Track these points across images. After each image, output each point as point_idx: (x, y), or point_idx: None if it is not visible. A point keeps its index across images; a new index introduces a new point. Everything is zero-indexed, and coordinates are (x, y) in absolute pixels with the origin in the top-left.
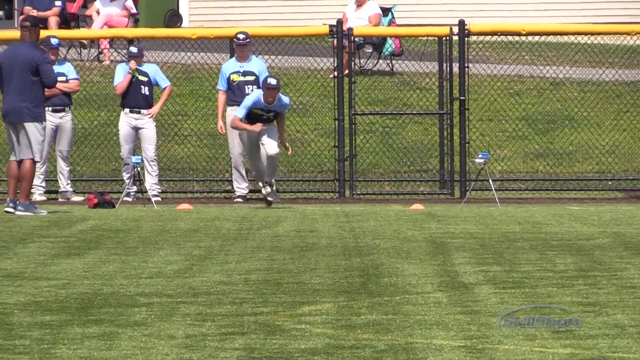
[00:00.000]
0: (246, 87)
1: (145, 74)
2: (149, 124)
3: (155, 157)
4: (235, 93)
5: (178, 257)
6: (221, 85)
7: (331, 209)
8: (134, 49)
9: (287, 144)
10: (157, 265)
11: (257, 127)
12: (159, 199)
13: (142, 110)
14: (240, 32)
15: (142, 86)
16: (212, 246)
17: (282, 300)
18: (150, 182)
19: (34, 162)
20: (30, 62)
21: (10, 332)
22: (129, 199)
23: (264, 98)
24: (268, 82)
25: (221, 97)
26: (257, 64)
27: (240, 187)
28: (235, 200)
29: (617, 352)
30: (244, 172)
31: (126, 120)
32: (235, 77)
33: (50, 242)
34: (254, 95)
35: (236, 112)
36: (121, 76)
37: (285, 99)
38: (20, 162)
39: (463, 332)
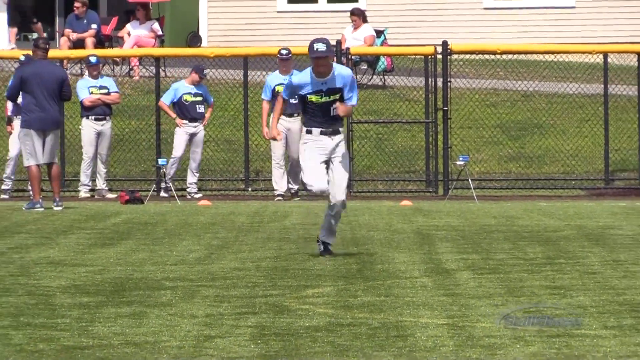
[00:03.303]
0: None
1: (200, 94)
2: (202, 132)
3: (200, 160)
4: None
5: (198, 247)
6: (265, 95)
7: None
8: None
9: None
10: (180, 253)
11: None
12: (200, 194)
13: (199, 121)
14: (284, 48)
15: (198, 105)
16: (228, 237)
17: (289, 284)
18: (192, 181)
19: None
20: (59, 78)
21: (53, 312)
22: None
23: (314, 72)
24: (315, 48)
25: (265, 106)
26: None
27: (280, 186)
28: (277, 199)
29: (580, 329)
30: (284, 173)
31: (185, 130)
32: (280, 89)
33: (87, 233)
34: (300, 75)
35: (282, 93)
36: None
37: (345, 70)
38: (37, 165)
39: (446, 312)
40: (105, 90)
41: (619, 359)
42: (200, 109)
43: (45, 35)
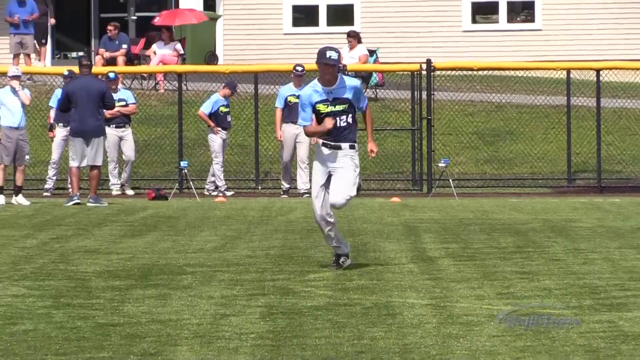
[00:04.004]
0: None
1: (228, 106)
2: (227, 139)
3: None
4: (290, 113)
5: (215, 237)
6: (279, 104)
7: None
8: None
9: (374, 146)
10: (199, 243)
11: (327, 125)
12: (232, 192)
13: (228, 130)
14: (299, 65)
15: (228, 116)
16: (240, 229)
17: (294, 269)
18: (221, 182)
19: (99, 167)
20: (100, 91)
21: (89, 293)
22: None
23: (320, 80)
24: (327, 55)
25: (278, 113)
26: None
27: (285, 185)
28: (282, 196)
29: (545, 309)
30: (289, 174)
31: (220, 136)
32: (292, 99)
33: (119, 225)
34: (308, 86)
35: (300, 121)
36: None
37: (354, 81)
38: (77, 167)
39: (429, 294)
40: (124, 102)
41: (580, 334)
42: (229, 118)
43: (82, 53)
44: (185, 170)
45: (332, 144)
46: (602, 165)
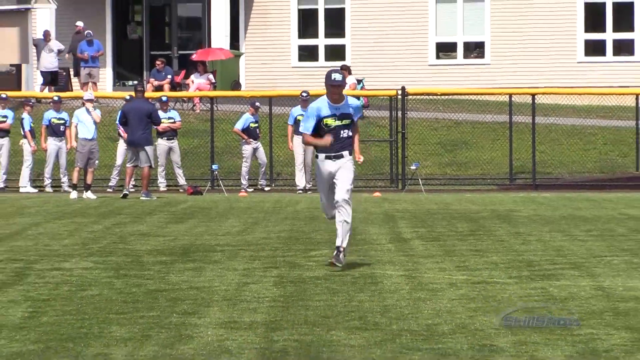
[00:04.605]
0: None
1: (257, 122)
2: (261, 146)
3: (266, 163)
4: (299, 128)
5: (238, 223)
6: (290, 121)
7: None
8: (164, 98)
9: (359, 155)
10: (227, 228)
11: (327, 139)
12: (268, 188)
13: (257, 140)
14: (304, 91)
15: (256, 129)
16: (258, 217)
17: (299, 248)
18: (263, 182)
19: (150, 168)
20: (148, 111)
21: (142, 266)
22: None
23: (329, 97)
24: (332, 77)
25: (289, 129)
26: None
27: (300, 183)
28: (298, 192)
29: (492, 279)
30: (302, 174)
31: (252, 145)
32: (300, 118)
33: (165, 214)
34: (318, 101)
35: (302, 128)
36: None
37: (353, 99)
38: (134, 168)
39: (403, 267)
40: (172, 120)
41: (519, 297)
42: (257, 131)
43: (136, 82)
44: (216, 172)
45: (335, 154)
46: (536, 168)
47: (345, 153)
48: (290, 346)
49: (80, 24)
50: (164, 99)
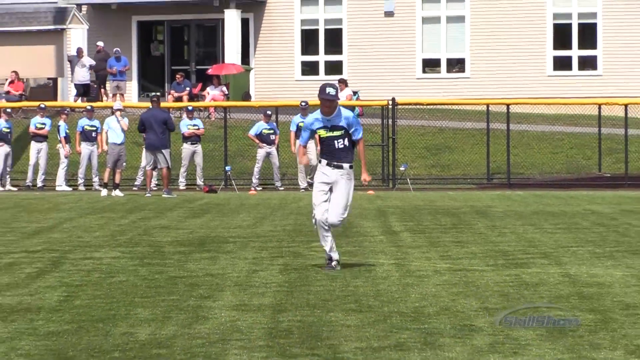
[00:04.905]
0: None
1: (271, 129)
2: (274, 150)
3: (279, 165)
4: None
5: (248, 218)
6: (292, 127)
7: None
8: (190, 108)
9: (367, 175)
10: (238, 222)
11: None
12: (282, 188)
13: (271, 145)
14: (303, 101)
15: (270, 135)
16: (266, 212)
17: (302, 239)
18: (277, 178)
19: (168, 169)
20: (164, 119)
21: (163, 256)
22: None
23: (321, 109)
24: (327, 92)
25: (292, 134)
26: None
27: (302, 183)
28: (300, 190)
29: (472, 267)
30: (304, 175)
31: (265, 150)
32: (301, 124)
33: (183, 210)
34: (312, 114)
35: (299, 140)
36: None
37: (348, 112)
38: (153, 170)
39: (394, 256)
40: (197, 127)
41: (496, 283)
42: (272, 137)
43: (159, 93)
44: (229, 173)
45: (335, 163)
46: (510, 169)
47: (345, 165)
48: (294, 326)
49: (100, 43)
50: (189, 108)
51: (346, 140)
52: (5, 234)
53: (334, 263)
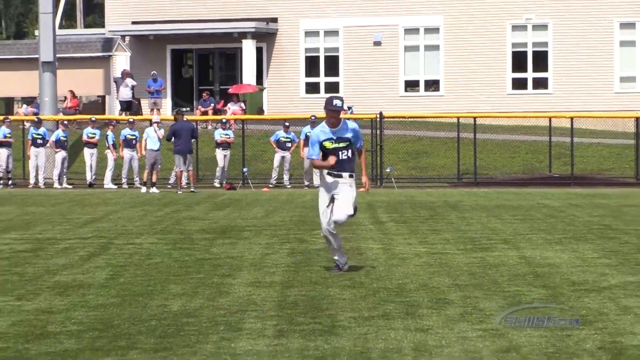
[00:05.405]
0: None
1: (289, 137)
2: (289, 155)
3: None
4: (308, 141)
5: (262, 210)
6: (302, 136)
7: None
8: (224, 121)
9: (367, 182)
10: (253, 214)
11: (331, 159)
12: (290, 186)
13: (287, 150)
14: (313, 115)
15: (287, 143)
16: (276, 206)
17: (306, 228)
18: (287, 178)
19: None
20: (190, 128)
21: (192, 242)
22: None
23: (327, 121)
24: (334, 103)
25: (301, 142)
26: None
27: (306, 181)
28: (304, 187)
29: (446, 250)
30: (309, 178)
31: (280, 154)
32: (309, 134)
33: (209, 204)
34: (318, 127)
35: (308, 154)
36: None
37: (353, 124)
38: (180, 171)
39: (381, 242)
40: (229, 136)
41: (465, 264)
42: (288, 144)
43: (188, 109)
44: (246, 173)
45: (336, 173)
46: (477, 170)
47: (345, 175)
48: (299, 299)
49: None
50: (224, 120)
51: (349, 151)
52: (62, 223)
53: (341, 265)
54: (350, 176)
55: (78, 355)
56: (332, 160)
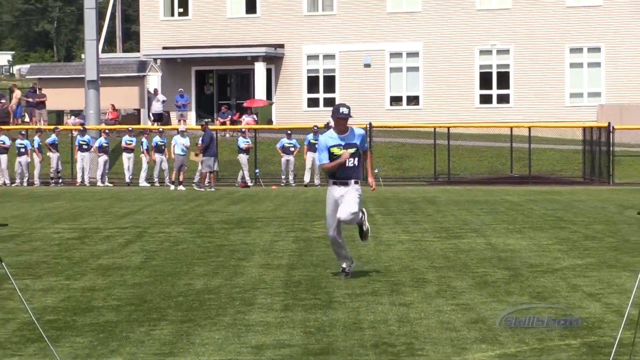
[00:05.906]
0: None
1: (292, 144)
2: (292, 159)
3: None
4: (311, 147)
5: (271, 204)
6: (305, 142)
7: (323, 189)
8: (244, 131)
9: (373, 181)
10: (264, 208)
11: (345, 154)
12: (294, 184)
13: (290, 155)
14: (315, 125)
15: (291, 148)
16: (283, 201)
17: (308, 219)
18: (292, 183)
19: (216, 172)
20: (214, 136)
21: (213, 231)
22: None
23: (335, 128)
24: (341, 111)
25: (305, 147)
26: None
27: (306, 180)
28: (305, 185)
29: (425, 238)
30: (309, 175)
31: (286, 158)
32: (313, 141)
33: (227, 199)
34: (326, 134)
35: (320, 160)
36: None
37: (360, 130)
38: (211, 172)
39: (375, 233)
40: (249, 143)
41: (441, 250)
42: (292, 149)
43: (209, 120)
44: (258, 174)
45: (341, 180)
46: (450, 171)
47: (351, 182)
48: (302, 279)
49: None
50: (243, 130)
51: (356, 159)
52: (104, 215)
53: (347, 269)
54: (356, 182)
55: (117, 325)
56: (344, 156)
